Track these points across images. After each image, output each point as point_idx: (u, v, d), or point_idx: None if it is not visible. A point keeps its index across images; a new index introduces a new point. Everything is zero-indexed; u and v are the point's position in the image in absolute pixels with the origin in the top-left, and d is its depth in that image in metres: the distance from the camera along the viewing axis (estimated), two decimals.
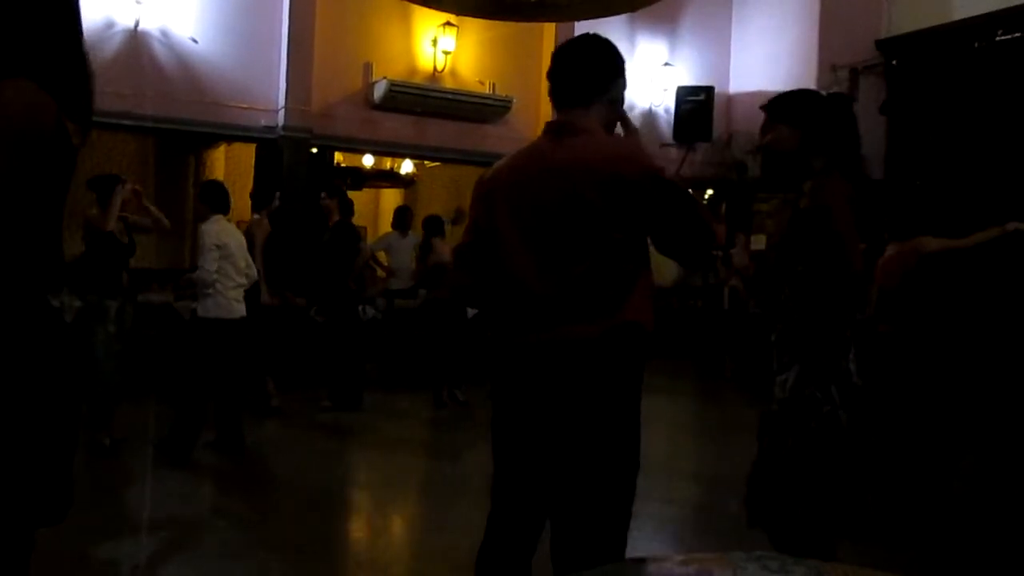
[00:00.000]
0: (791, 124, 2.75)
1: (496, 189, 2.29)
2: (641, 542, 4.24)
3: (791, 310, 2.67)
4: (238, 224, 9.96)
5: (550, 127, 2.27)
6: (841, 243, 2.56)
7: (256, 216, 7.22)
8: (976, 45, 8.98)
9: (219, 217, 5.60)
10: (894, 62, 9.90)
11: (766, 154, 2.88)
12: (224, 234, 5.56)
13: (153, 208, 5.96)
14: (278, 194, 7.38)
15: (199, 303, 5.56)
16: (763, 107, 2.87)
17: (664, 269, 8.25)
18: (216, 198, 5.66)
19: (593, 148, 2.17)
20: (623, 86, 2.32)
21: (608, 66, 2.28)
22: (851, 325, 2.63)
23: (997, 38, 8.81)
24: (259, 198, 7.46)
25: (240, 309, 5.56)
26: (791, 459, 2.59)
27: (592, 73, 2.26)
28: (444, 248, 7.76)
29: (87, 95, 1.54)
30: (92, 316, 5.37)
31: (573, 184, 2.11)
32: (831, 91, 4.51)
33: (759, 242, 9.95)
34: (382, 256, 9.01)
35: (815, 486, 2.55)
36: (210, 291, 5.42)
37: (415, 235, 8.62)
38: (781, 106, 2.82)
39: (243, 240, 5.87)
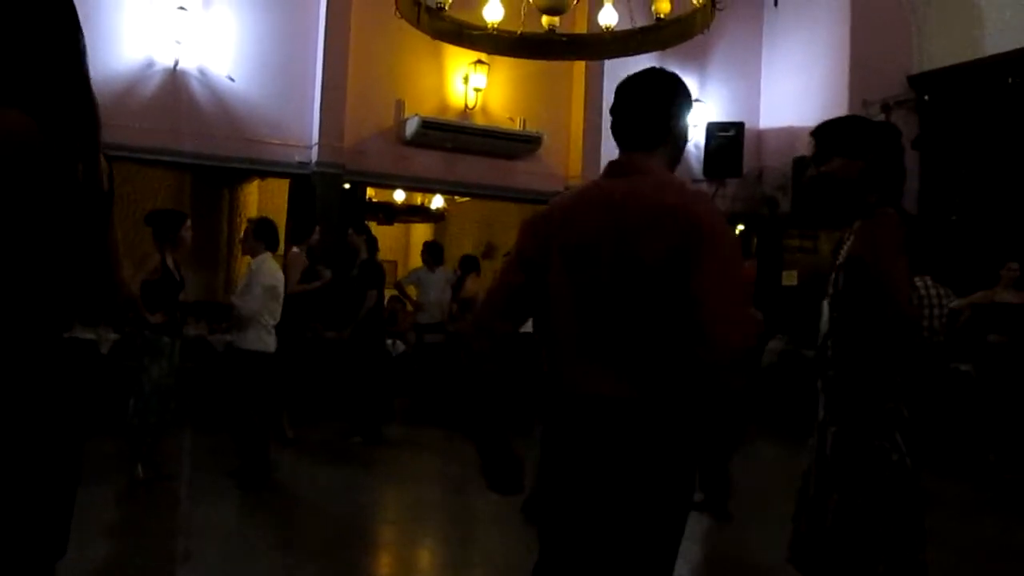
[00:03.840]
0: (849, 155, 2.56)
1: (551, 229, 2.10)
2: None
3: (844, 358, 2.57)
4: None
5: (611, 167, 2.11)
6: (882, 298, 2.42)
7: (295, 250, 7.31)
8: (1009, 80, 8.92)
9: (269, 255, 5.79)
10: (926, 97, 9.84)
11: (819, 185, 2.63)
12: (277, 273, 5.78)
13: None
14: (318, 228, 7.48)
15: (237, 335, 5.70)
16: (812, 134, 2.67)
17: None
18: (271, 235, 5.86)
19: (651, 184, 1.99)
20: (687, 123, 2.14)
21: (675, 108, 2.10)
22: (902, 370, 2.51)
23: None
24: (296, 232, 7.56)
25: (274, 344, 5.73)
26: (866, 512, 2.47)
27: (659, 116, 2.07)
28: (476, 285, 7.97)
29: (90, 134, 1.58)
30: (147, 351, 5.44)
31: (633, 218, 1.95)
32: (878, 120, 4.37)
33: (790, 278, 9.90)
34: (411, 290, 9.12)
35: (897, 538, 2.45)
36: (252, 324, 5.59)
37: (444, 270, 8.80)
38: (837, 135, 2.62)
39: (283, 279, 5.99)
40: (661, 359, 1.92)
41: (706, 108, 10.71)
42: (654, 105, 2.08)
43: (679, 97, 2.11)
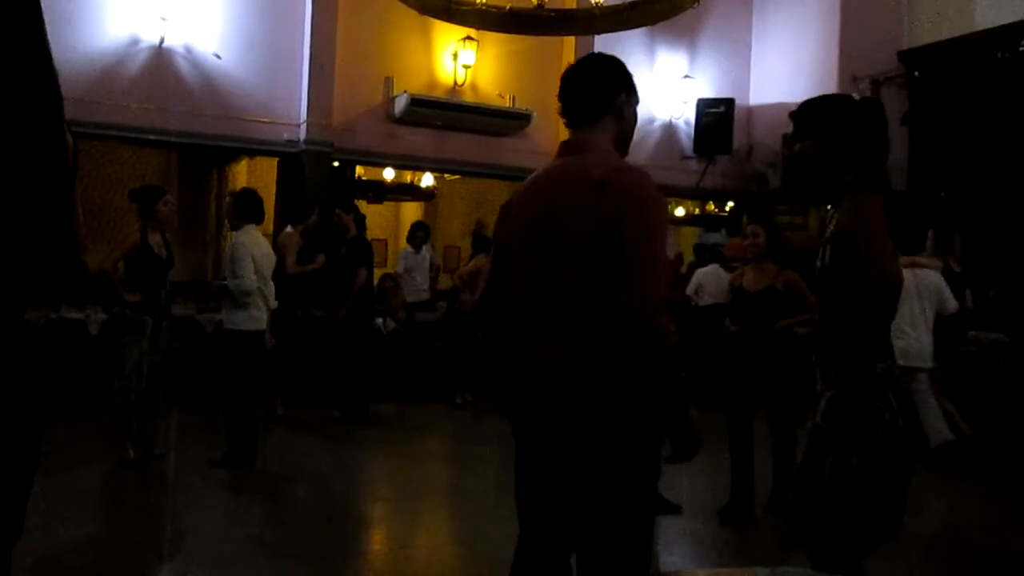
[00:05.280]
0: (819, 139, 2.68)
1: (510, 209, 2.31)
2: (664, 556, 4.22)
3: (834, 326, 2.65)
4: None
5: (562, 147, 2.29)
6: (869, 266, 2.53)
7: (288, 230, 7.28)
8: (999, 55, 8.91)
9: (252, 227, 5.62)
10: (916, 73, 9.83)
11: (794, 164, 2.80)
12: (256, 246, 5.58)
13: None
14: (317, 209, 7.43)
15: (227, 314, 5.56)
16: (792, 114, 2.80)
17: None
18: (252, 208, 5.67)
19: (592, 159, 2.14)
20: (633, 101, 2.29)
21: (610, 83, 2.26)
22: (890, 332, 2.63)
23: (1020, 48, 8.74)
24: (292, 212, 7.51)
25: (264, 321, 5.60)
26: (861, 472, 2.55)
27: (594, 91, 2.25)
28: (480, 264, 8.38)
29: (54, 107, 1.53)
30: (127, 330, 5.39)
31: (563, 194, 2.11)
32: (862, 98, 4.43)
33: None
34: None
35: (887, 495, 2.55)
36: (247, 301, 5.43)
37: (429, 250, 8.99)
38: (811, 117, 2.74)
39: (273, 256, 5.88)
40: (604, 326, 2.02)
41: (696, 84, 10.68)
42: (592, 80, 2.28)
43: (615, 72, 2.28)
